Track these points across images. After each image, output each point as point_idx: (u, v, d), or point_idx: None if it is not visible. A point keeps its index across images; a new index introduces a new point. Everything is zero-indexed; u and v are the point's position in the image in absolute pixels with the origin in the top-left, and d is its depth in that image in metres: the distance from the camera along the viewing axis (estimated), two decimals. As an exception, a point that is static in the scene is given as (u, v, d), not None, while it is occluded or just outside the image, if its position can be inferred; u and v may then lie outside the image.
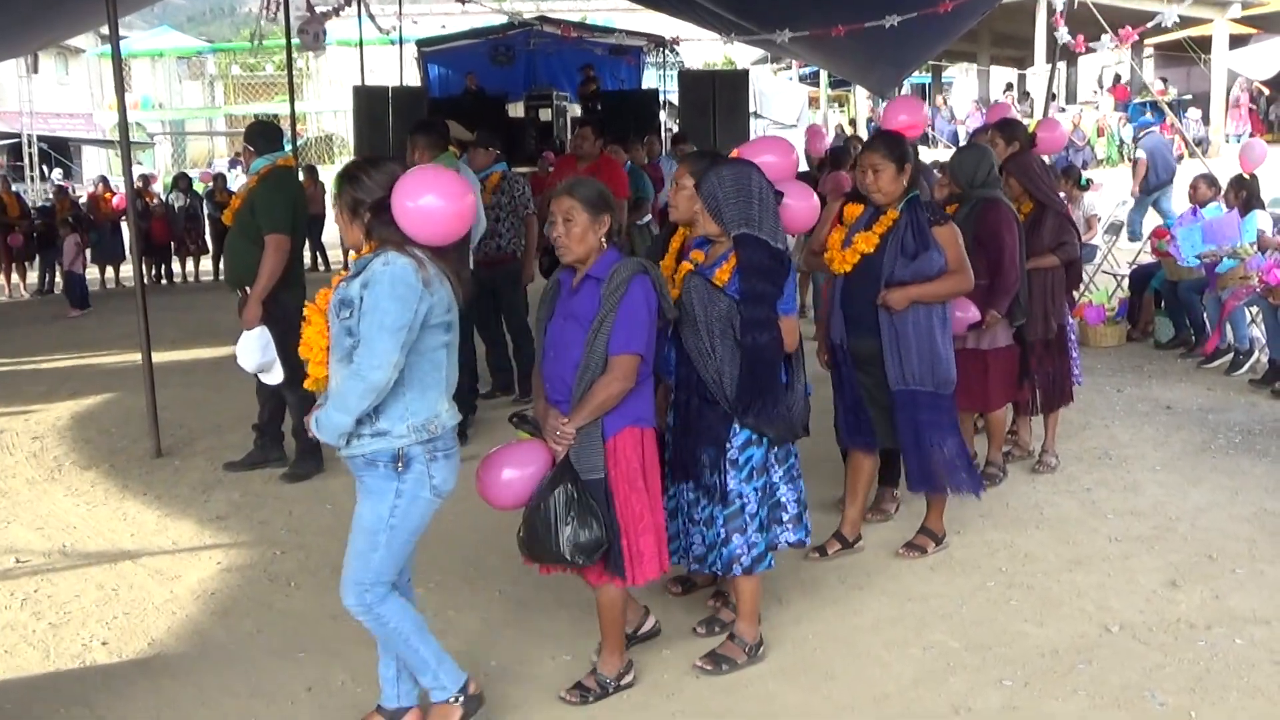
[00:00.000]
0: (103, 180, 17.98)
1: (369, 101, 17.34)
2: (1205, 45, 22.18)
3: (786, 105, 29.04)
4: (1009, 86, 29.61)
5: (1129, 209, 13.27)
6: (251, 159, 6.30)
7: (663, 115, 20.38)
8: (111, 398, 8.62)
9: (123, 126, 7.33)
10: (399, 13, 18.23)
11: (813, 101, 31.90)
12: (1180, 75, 25.49)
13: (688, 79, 18.37)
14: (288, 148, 8.13)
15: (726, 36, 13.38)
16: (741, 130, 17.03)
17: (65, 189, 18.51)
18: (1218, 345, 8.53)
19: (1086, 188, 10.51)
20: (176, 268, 16.97)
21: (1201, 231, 8.51)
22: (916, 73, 22.86)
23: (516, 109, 19.93)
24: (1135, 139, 16.45)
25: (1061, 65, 20.18)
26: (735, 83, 18.02)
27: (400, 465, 3.36)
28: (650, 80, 22.09)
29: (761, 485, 4.01)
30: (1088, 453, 6.51)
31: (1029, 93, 26.77)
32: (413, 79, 20.01)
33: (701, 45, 18.76)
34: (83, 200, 17.38)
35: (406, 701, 3.70)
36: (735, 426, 3.94)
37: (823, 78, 30.27)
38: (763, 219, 3.89)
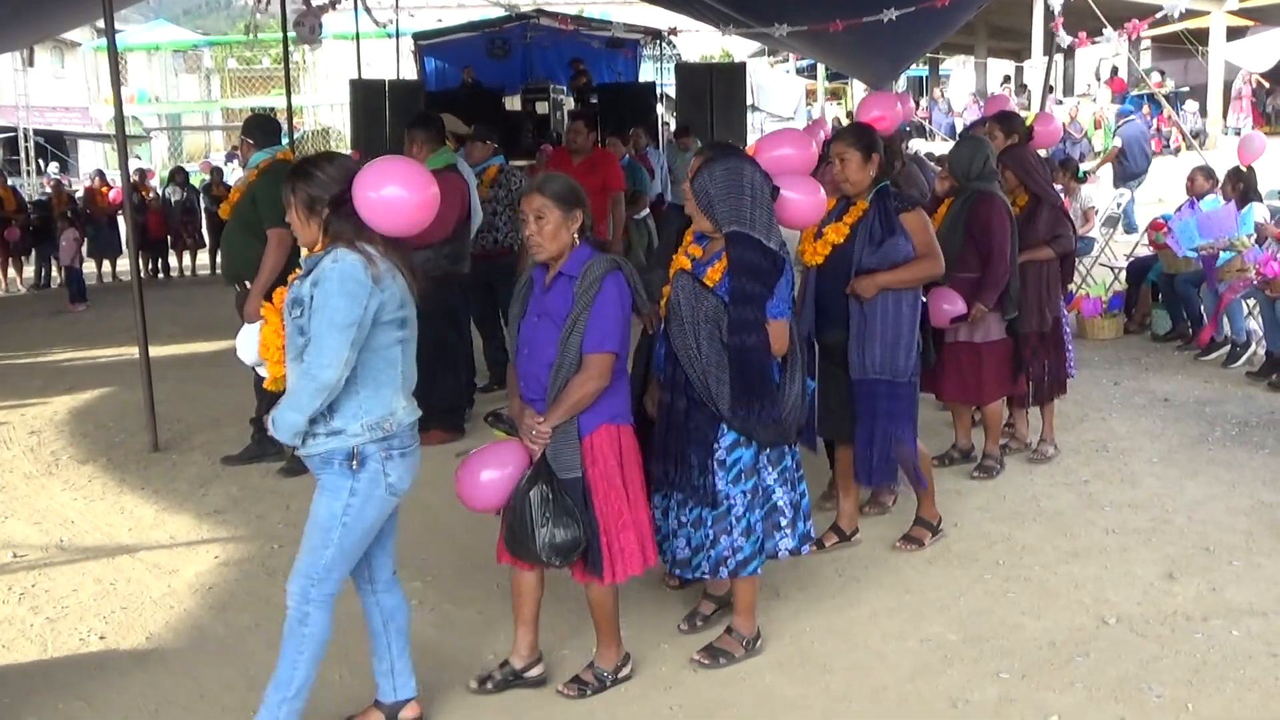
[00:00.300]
0: (99, 174, 17.98)
1: (366, 95, 17.31)
2: (1203, 37, 22.16)
3: (784, 98, 28.99)
4: (1006, 79, 29.58)
5: (1126, 201, 13.26)
6: (250, 152, 6.29)
7: (659, 108, 20.33)
8: (109, 392, 8.62)
9: (119, 120, 7.31)
10: (395, 6, 18.20)
11: (810, 94, 31.87)
12: (1178, 68, 25.47)
13: (684, 72, 18.33)
14: (285, 141, 8.10)
15: (724, 29, 13.36)
16: (738, 123, 17.00)
17: (62, 183, 18.48)
18: (1213, 337, 8.53)
19: (1084, 180, 10.52)
20: (173, 262, 16.96)
21: (1199, 224, 8.51)
22: (913, 65, 22.88)
23: (513, 102, 19.86)
24: (1115, 129, 16.48)
25: (1059, 58, 20.16)
26: (732, 76, 17.97)
27: (355, 463, 3.34)
28: (647, 73, 22.06)
29: (751, 488, 3.94)
30: (1085, 445, 6.51)
31: (1026, 85, 26.79)
32: (409, 72, 19.98)
33: (698, 38, 18.77)
34: (79, 194, 17.35)
35: (405, 694, 3.70)
36: (723, 427, 3.88)
37: (820, 71, 30.27)
38: (755, 216, 3.80)
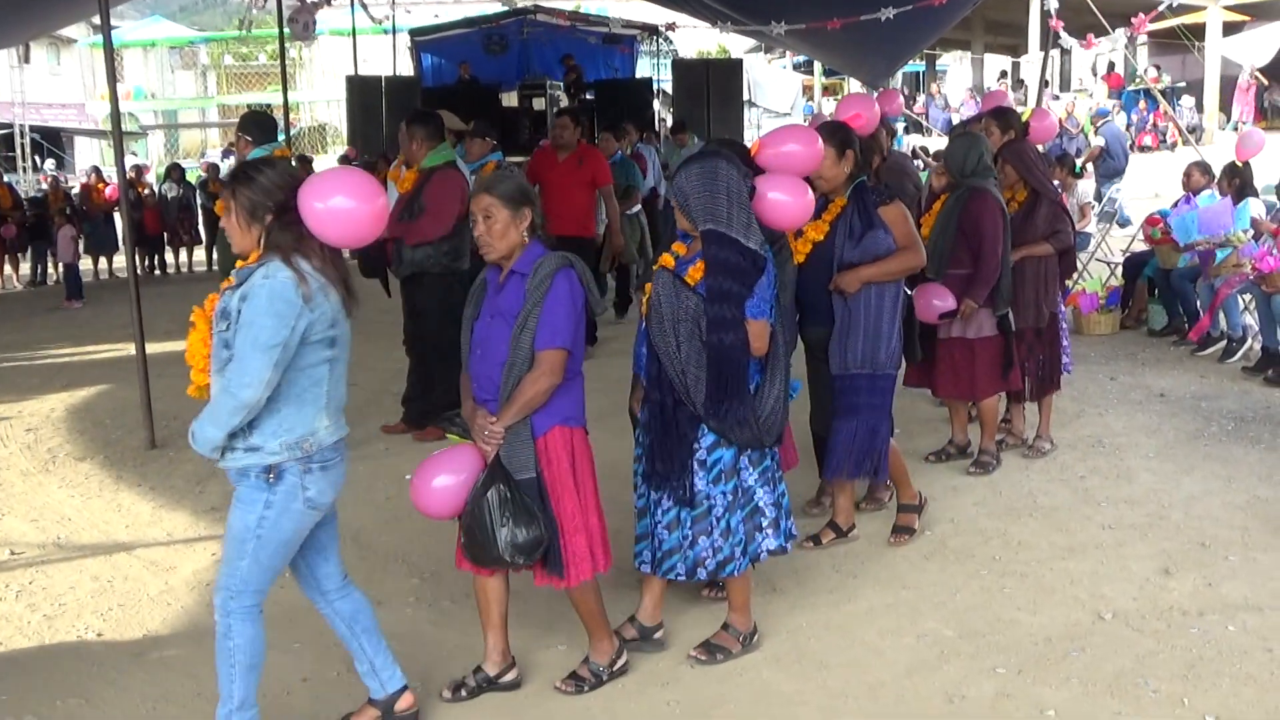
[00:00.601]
0: (95, 171, 17.94)
1: (362, 91, 17.32)
2: (1199, 33, 22.18)
3: (781, 94, 29.02)
4: (1003, 74, 29.59)
5: (1122, 196, 13.28)
6: (249, 148, 6.27)
7: (656, 104, 20.34)
8: (105, 389, 8.61)
9: (115, 117, 7.31)
10: (392, 2, 18.19)
11: (807, 90, 31.87)
12: (1175, 63, 25.49)
13: (681, 68, 18.35)
14: (281, 138, 8.10)
15: (721, 27, 13.36)
16: (735, 119, 17.02)
17: (58, 180, 18.46)
18: (1208, 331, 8.54)
19: (1080, 175, 10.53)
20: (170, 258, 16.93)
21: (1195, 219, 8.51)
22: (910, 61, 22.87)
23: (510, 98, 19.88)
24: (1095, 129, 16.60)
25: (1055, 53, 20.17)
26: (729, 71, 18.00)
27: (272, 477, 3.28)
28: (644, 69, 22.06)
29: (732, 489, 3.92)
30: (1081, 441, 6.52)
31: (1023, 80, 26.78)
32: (406, 68, 19.98)
33: (695, 34, 18.76)
34: (75, 191, 17.33)
35: (393, 686, 3.68)
36: (703, 427, 3.86)
37: (816, 67, 30.25)
38: (732, 215, 3.76)
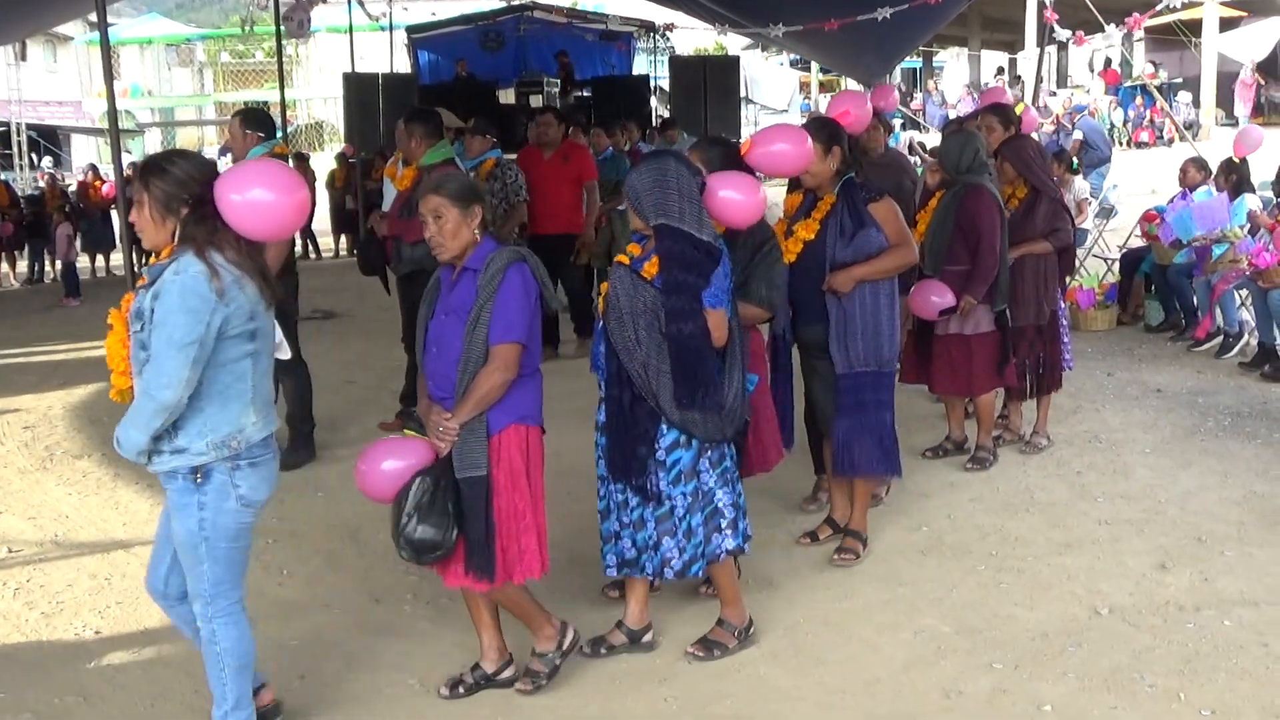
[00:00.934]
0: (92, 169, 17.91)
1: (359, 88, 17.28)
2: (1196, 29, 22.20)
3: (778, 91, 29.03)
4: (1000, 70, 29.59)
5: (1118, 192, 13.28)
6: (255, 143, 6.24)
7: (653, 101, 20.32)
8: (102, 387, 8.54)
9: (112, 114, 7.32)
10: (389, -1, 18.17)
11: (804, 87, 31.88)
12: (1172, 59, 25.53)
13: (678, 65, 18.32)
14: (279, 135, 8.11)
15: (719, 29, 13.36)
16: (732, 116, 17.01)
17: (55, 178, 18.44)
18: (1209, 330, 8.54)
19: (1077, 171, 10.53)
20: (167, 256, 16.91)
21: (1191, 215, 8.52)
22: (907, 57, 22.86)
23: (507, 95, 19.85)
24: (1072, 124, 16.77)
25: (1052, 49, 20.15)
26: (726, 68, 17.97)
27: (199, 478, 3.23)
28: (641, 66, 22.05)
29: (692, 490, 3.90)
30: (1078, 436, 6.53)
31: (1020, 76, 26.77)
32: (403, 66, 19.95)
33: (693, 31, 18.74)
34: (72, 189, 17.31)
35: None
36: (663, 426, 3.84)
37: (813, 64, 30.22)
38: (684, 210, 3.78)
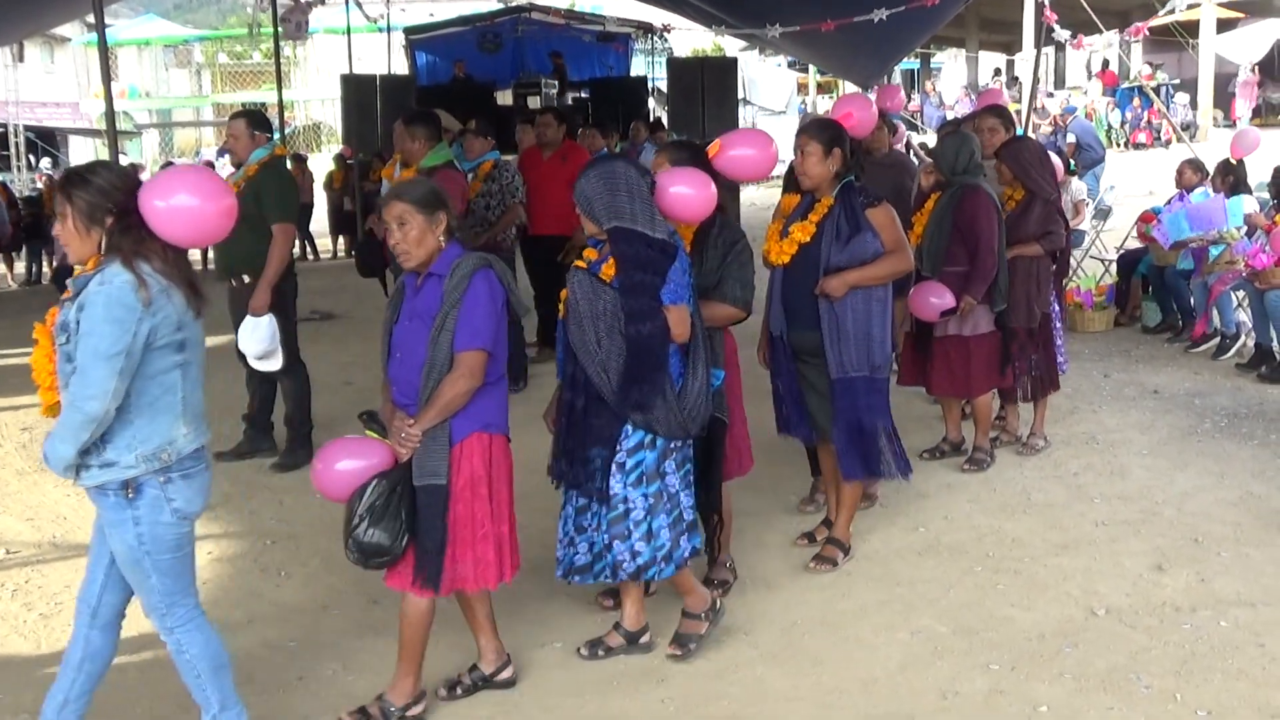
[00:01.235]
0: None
1: (357, 90, 17.26)
2: (1193, 30, 22.22)
3: (775, 92, 28.98)
4: (997, 72, 29.62)
5: (1116, 193, 13.29)
6: (261, 144, 6.24)
7: (651, 102, 20.33)
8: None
9: (109, 116, 7.32)
10: (386, 0, 18.15)
11: (802, 88, 31.88)
12: (1169, 61, 25.54)
13: (676, 66, 18.29)
14: (276, 137, 8.13)
15: (716, 31, 13.37)
16: (730, 117, 16.96)
17: (54, 179, 18.43)
18: (1205, 330, 8.56)
19: (1074, 173, 10.53)
20: (165, 257, 16.90)
21: (1188, 216, 8.53)
22: (905, 58, 22.87)
23: (505, 97, 19.84)
24: (1066, 126, 16.85)
25: (1050, 50, 20.17)
26: (724, 69, 17.93)
27: (131, 492, 3.18)
28: (639, 67, 22.05)
29: (655, 491, 3.86)
30: (1075, 437, 6.54)
31: (1017, 78, 26.80)
32: (400, 67, 19.93)
33: (691, 32, 18.73)
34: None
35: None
36: (628, 428, 3.80)
37: (811, 65, 30.23)
38: (636, 210, 3.75)
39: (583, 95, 19.63)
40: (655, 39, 20.65)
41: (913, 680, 3.94)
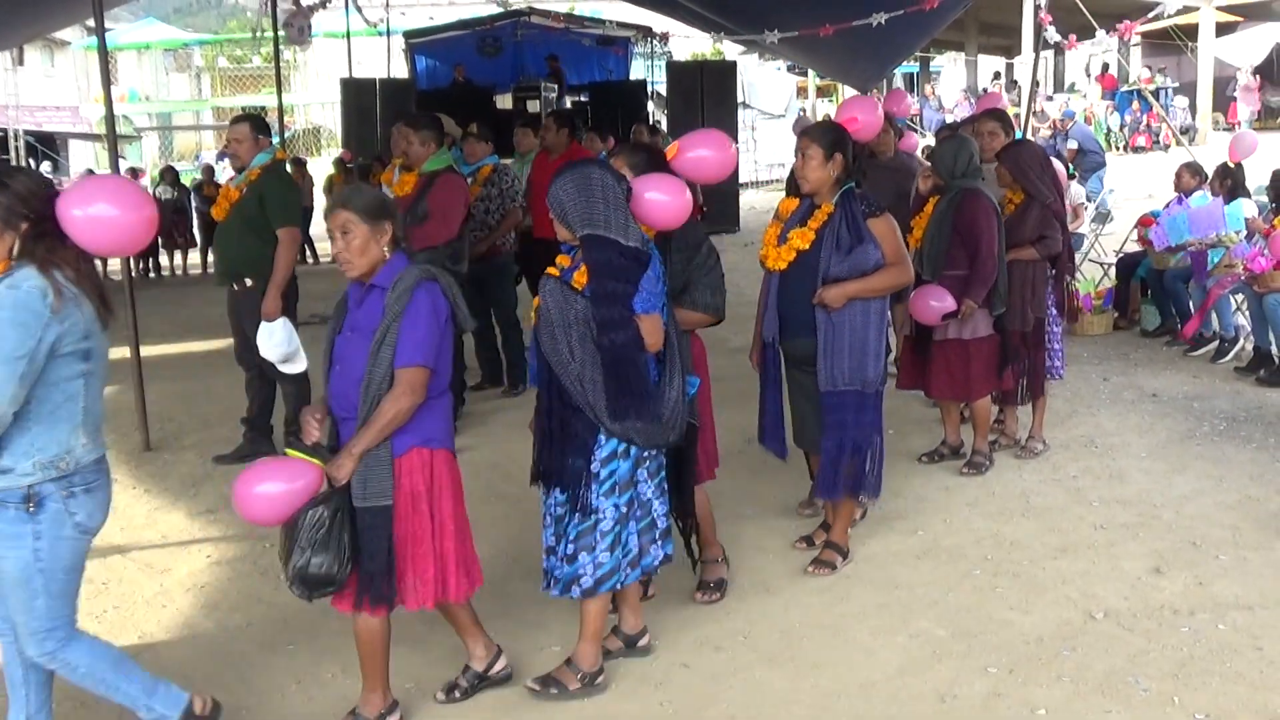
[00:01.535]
0: (90, 174, 17.93)
1: (357, 94, 17.32)
2: (1192, 34, 22.26)
3: (774, 95, 28.99)
4: (996, 75, 29.67)
5: (1115, 196, 13.33)
6: (261, 148, 6.25)
7: (650, 106, 20.35)
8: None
9: (109, 120, 7.33)
10: (386, 4, 18.19)
11: (801, 92, 31.92)
12: (1169, 64, 25.59)
13: (675, 70, 18.34)
14: (276, 141, 8.14)
15: (715, 36, 13.37)
16: (730, 121, 17.01)
17: (53, 182, 18.43)
18: (1199, 331, 8.56)
19: (1073, 176, 10.55)
20: (164, 261, 16.93)
21: (1187, 219, 8.54)
22: (904, 62, 22.91)
23: (505, 100, 19.87)
24: (1066, 131, 16.91)
25: (1049, 54, 20.21)
26: (723, 73, 17.98)
27: (32, 506, 3.11)
28: (638, 71, 22.08)
29: (627, 500, 3.78)
30: (1074, 441, 6.54)
31: (1017, 81, 26.85)
32: (400, 71, 19.97)
33: (689, 37, 18.76)
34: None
35: None
36: (601, 437, 3.72)
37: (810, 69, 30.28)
38: (609, 218, 3.66)
39: (582, 99, 19.66)
40: (655, 43, 20.65)
41: (911, 683, 3.94)
